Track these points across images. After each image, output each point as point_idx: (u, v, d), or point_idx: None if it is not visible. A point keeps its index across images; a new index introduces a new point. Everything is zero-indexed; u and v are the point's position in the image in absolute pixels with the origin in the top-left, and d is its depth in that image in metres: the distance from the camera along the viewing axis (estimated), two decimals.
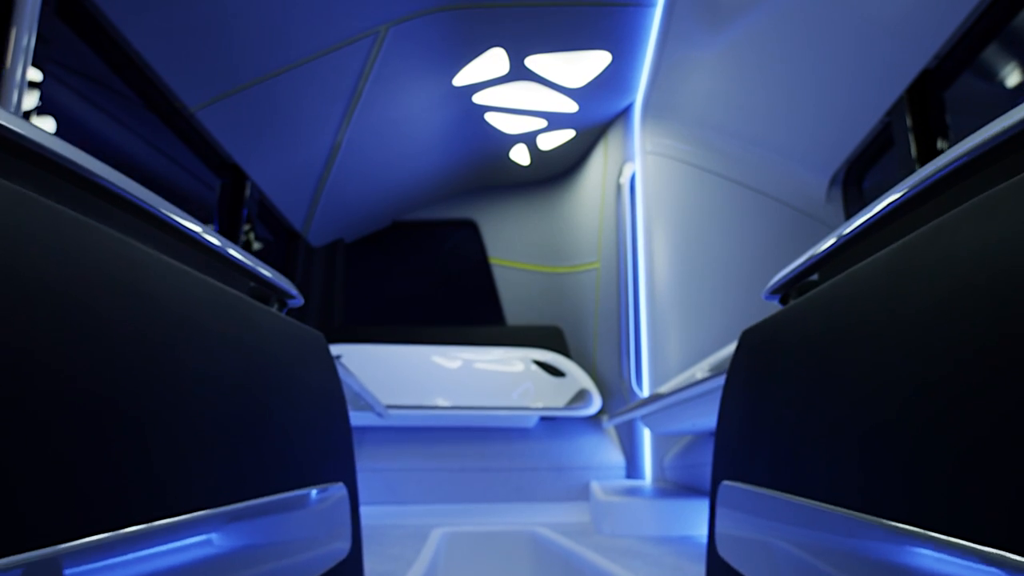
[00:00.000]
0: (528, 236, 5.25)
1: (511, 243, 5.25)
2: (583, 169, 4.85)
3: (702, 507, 2.85)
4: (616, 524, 2.85)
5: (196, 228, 0.94)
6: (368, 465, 3.56)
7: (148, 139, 3.11)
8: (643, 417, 2.94)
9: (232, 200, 3.62)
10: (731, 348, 3.32)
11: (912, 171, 2.75)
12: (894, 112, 2.94)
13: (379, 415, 2.93)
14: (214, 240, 0.99)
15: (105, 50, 2.50)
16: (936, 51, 2.58)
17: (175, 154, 3.24)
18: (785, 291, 1.21)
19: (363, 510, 3.46)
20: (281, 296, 1.24)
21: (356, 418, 3.52)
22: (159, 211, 0.86)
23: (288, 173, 3.84)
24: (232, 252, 1.04)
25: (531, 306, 5.11)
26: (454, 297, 5.31)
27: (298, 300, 1.28)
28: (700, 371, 3.35)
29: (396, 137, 4.04)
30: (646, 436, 3.61)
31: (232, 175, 3.59)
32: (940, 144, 2.78)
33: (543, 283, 5.14)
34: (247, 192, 3.64)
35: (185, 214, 0.94)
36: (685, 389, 2.31)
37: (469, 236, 5.31)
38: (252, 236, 3.79)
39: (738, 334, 3.49)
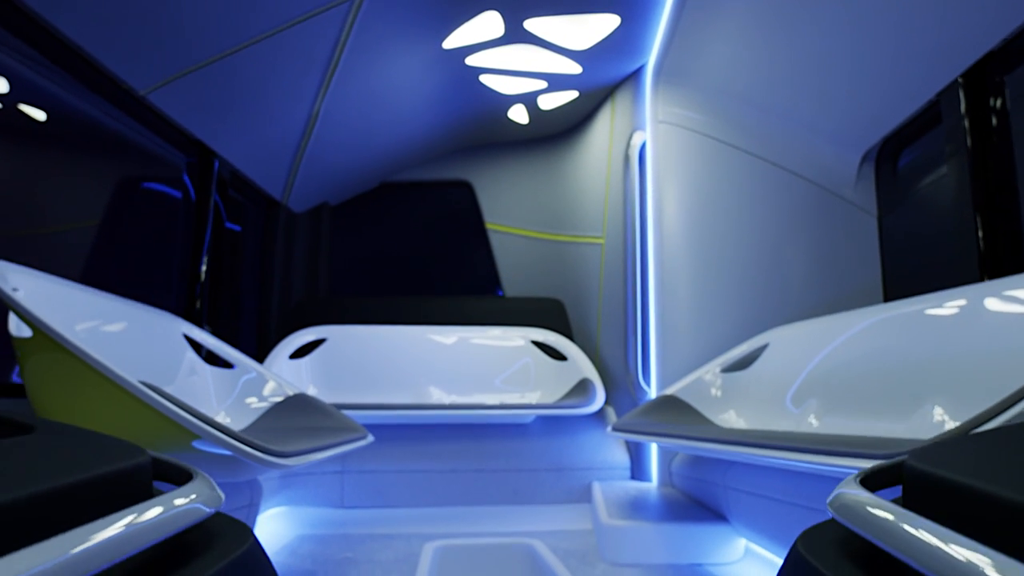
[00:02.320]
0: (527, 199, 4.88)
1: (509, 207, 4.89)
2: (587, 130, 4.45)
3: (712, 532, 2.62)
4: (621, 551, 2.63)
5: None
6: (355, 467, 3.33)
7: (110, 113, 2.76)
8: (655, 440, 2.67)
9: (201, 176, 3.29)
10: (744, 348, 3.05)
11: (965, 158, 2.41)
12: (946, 92, 2.57)
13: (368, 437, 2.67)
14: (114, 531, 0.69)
15: (31, 37, 2.14)
16: (1008, 33, 2.19)
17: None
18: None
19: (352, 515, 3.26)
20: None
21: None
22: None
23: (261, 146, 3.47)
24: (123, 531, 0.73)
25: (530, 276, 4.79)
26: (448, 265, 4.98)
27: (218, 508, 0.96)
28: (706, 377, 3.09)
29: (380, 104, 3.65)
30: None
31: (198, 151, 3.24)
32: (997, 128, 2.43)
33: (543, 251, 4.80)
34: (216, 167, 3.30)
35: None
36: (707, 442, 2.04)
37: (463, 198, 4.94)
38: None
39: (756, 325, 3.21)
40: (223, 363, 2.75)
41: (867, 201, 3.22)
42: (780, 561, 2.36)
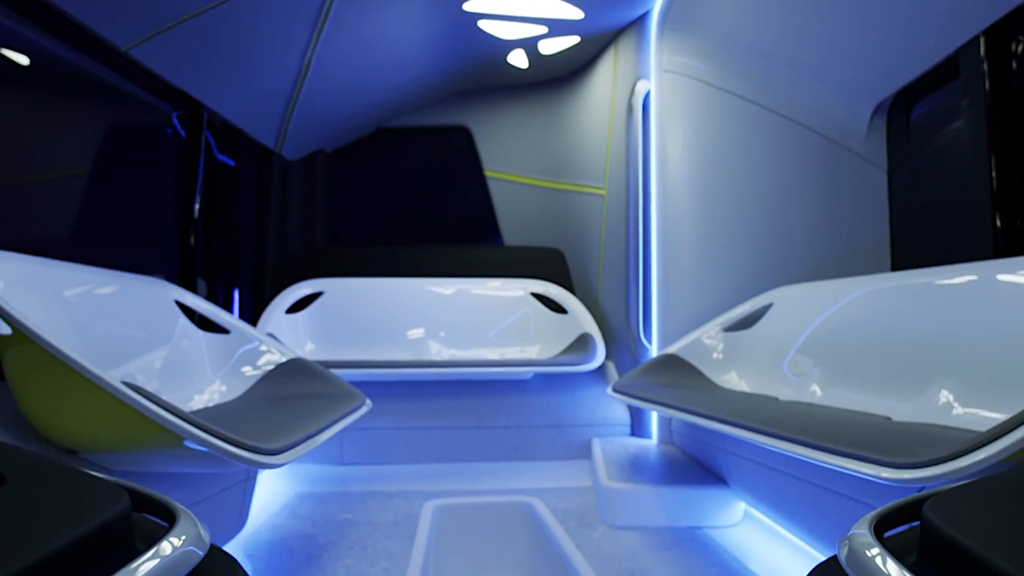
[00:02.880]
0: (527, 146, 4.76)
1: (508, 153, 4.77)
2: (589, 76, 4.30)
3: (712, 496, 2.63)
4: (621, 514, 2.64)
5: None
6: (354, 424, 3.30)
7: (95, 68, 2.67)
8: (656, 408, 2.63)
9: (190, 128, 3.19)
10: (747, 306, 3.00)
11: (983, 115, 2.33)
12: (966, 47, 2.46)
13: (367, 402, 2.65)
14: None
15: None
16: None
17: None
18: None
19: (351, 472, 3.28)
20: None
21: (343, 375, 3.22)
22: None
23: (251, 96, 3.36)
24: None
25: (530, 224, 4.70)
26: (446, 212, 4.89)
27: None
28: (709, 336, 3.05)
29: (375, 51, 3.50)
30: None
31: (186, 104, 3.14)
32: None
33: (543, 199, 4.70)
34: (204, 118, 3.20)
35: None
36: (711, 420, 2.01)
37: (462, 143, 4.81)
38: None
39: (760, 280, 3.16)
40: (217, 327, 2.71)
41: (877, 155, 3.13)
42: (778, 527, 2.37)
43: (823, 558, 2.15)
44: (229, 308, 3.89)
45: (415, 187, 4.85)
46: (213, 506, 1.90)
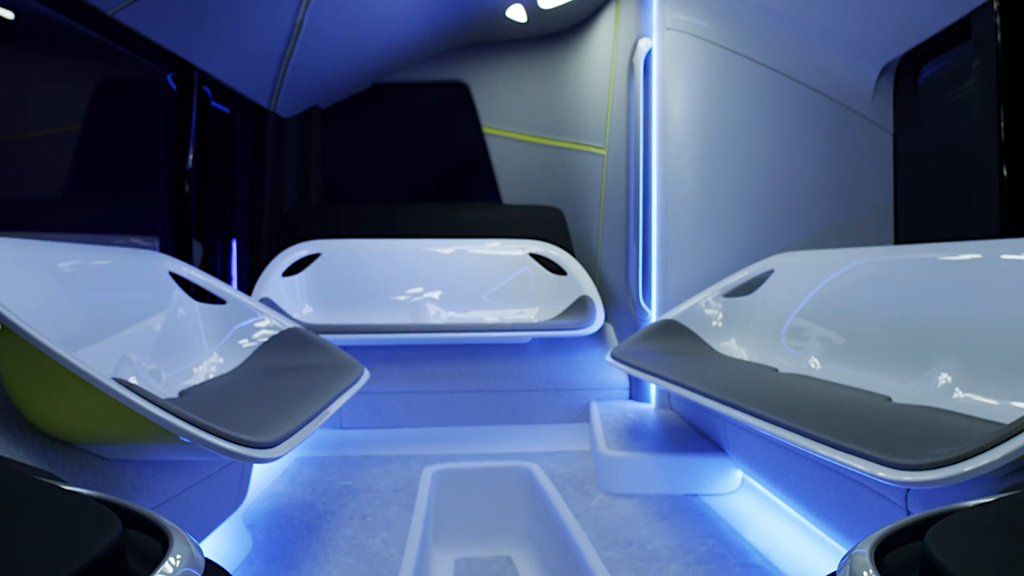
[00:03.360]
0: (525, 102, 4.65)
1: (507, 110, 4.67)
2: (590, 31, 4.19)
3: (710, 464, 2.64)
4: (619, 482, 2.66)
5: None
6: None
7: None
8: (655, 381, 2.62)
9: (182, 89, 3.12)
10: (747, 272, 2.98)
11: (993, 78, 2.27)
12: (980, 8, 2.38)
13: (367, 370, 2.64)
14: None
15: None
16: None
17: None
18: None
19: (350, 436, 3.30)
20: None
21: (341, 340, 3.22)
22: None
23: (243, 56, 3.27)
24: None
25: (529, 182, 4.64)
26: (444, 169, 4.82)
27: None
28: (708, 302, 3.03)
29: (369, 7, 3.41)
30: None
31: (176, 65, 3.06)
32: None
33: (542, 157, 4.62)
34: (195, 79, 3.13)
35: None
36: (710, 399, 2.00)
37: (459, 100, 4.71)
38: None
39: (762, 244, 3.12)
40: (213, 297, 2.68)
41: (883, 117, 3.06)
42: (775, 497, 2.38)
43: (818, 531, 2.16)
44: (227, 261, 3.86)
45: (412, 143, 4.77)
46: (213, 484, 1.90)
